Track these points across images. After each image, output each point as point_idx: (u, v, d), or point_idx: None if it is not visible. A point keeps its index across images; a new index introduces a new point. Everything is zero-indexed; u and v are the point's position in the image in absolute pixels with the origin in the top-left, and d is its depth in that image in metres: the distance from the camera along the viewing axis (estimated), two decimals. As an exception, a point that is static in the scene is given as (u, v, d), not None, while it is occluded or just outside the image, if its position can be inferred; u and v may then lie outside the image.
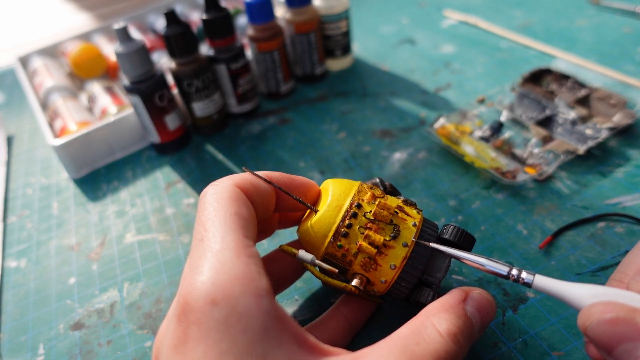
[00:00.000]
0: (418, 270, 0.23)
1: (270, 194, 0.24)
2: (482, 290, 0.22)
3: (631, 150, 0.36)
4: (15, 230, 0.40)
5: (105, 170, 0.45)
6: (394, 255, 0.23)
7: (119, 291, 0.33)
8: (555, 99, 0.40)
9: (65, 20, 0.90)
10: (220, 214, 0.20)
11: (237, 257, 0.18)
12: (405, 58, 0.54)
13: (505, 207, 0.33)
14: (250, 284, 0.18)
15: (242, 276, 0.18)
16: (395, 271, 0.23)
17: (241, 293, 0.17)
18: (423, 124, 0.43)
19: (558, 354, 0.24)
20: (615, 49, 0.48)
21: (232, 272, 0.18)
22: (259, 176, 0.24)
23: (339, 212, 0.24)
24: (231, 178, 0.23)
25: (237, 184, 0.22)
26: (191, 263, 0.19)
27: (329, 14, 0.49)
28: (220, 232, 0.20)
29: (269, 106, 0.50)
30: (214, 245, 0.19)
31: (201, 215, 0.21)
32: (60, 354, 0.29)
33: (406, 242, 0.23)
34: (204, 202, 0.21)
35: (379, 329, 0.27)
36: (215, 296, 0.17)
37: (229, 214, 0.20)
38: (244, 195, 0.22)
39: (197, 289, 0.18)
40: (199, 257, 0.19)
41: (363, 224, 0.23)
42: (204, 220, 0.20)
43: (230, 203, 0.21)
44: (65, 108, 0.48)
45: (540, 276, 0.21)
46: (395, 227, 0.23)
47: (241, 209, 0.21)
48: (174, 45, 0.41)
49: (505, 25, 0.57)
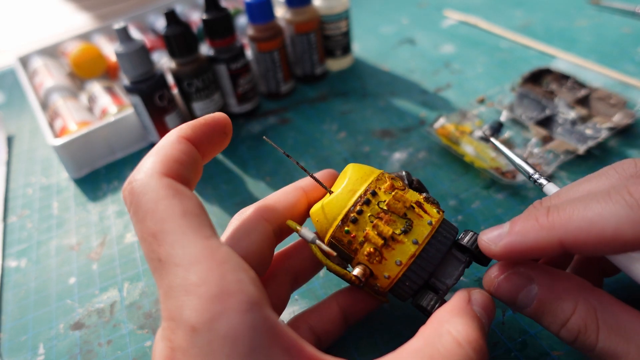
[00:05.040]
0: (425, 271, 0.22)
1: (194, 155, 0.20)
2: (480, 290, 0.22)
3: (631, 150, 0.36)
4: (15, 230, 0.40)
5: (106, 170, 0.45)
6: (401, 251, 0.22)
7: (119, 291, 0.33)
8: (555, 99, 0.40)
9: (65, 20, 0.90)
10: (167, 220, 0.17)
11: (209, 270, 0.16)
12: (405, 58, 0.54)
13: (505, 207, 0.33)
14: (229, 299, 0.16)
15: (219, 293, 0.16)
16: (400, 268, 0.22)
17: (220, 313, 0.15)
18: (423, 124, 0.43)
19: (558, 354, 0.24)
20: (615, 49, 0.48)
21: (208, 292, 0.16)
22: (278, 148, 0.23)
23: (352, 197, 0.23)
24: (151, 167, 0.19)
25: (162, 172, 0.18)
26: (163, 290, 0.17)
27: (329, 14, 0.49)
28: (178, 245, 0.17)
29: (269, 106, 0.50)
30: (178, 266, 0.16)
31: (143, 227, 0.18)
32: (61, 353, 0.29)
33: (417, 239, 0.22)
34: (137, 211, 0.18)
35: (382, 332, 0.27)
36: (194, 323, 0.15)
37: (176, 217, 0.17)
38: (176, 183, 0.18)
39: (175, 316, 0.16)
40: (169, 282, 0.17)
41: (375, 212, 0.22)
42: (151, 235, 0.17)
43: (170, 202, 0.18)
44: (66, 108, 0.48)
45: (551, 185, 0.23)
46: (408, 222, 0.22)
47: (184, 203, 0.18)
48: (174, 45, 0.41)
49: (505, 25, 0.57)
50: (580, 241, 0.18)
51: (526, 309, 0.21)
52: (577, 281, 0.20)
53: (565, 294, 0.20)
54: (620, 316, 0.18)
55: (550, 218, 0.19)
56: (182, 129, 0.20)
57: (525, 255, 0.19)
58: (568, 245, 0.18)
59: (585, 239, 0.18)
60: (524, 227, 0.19)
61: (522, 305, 0.21)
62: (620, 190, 0.18)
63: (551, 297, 0.20)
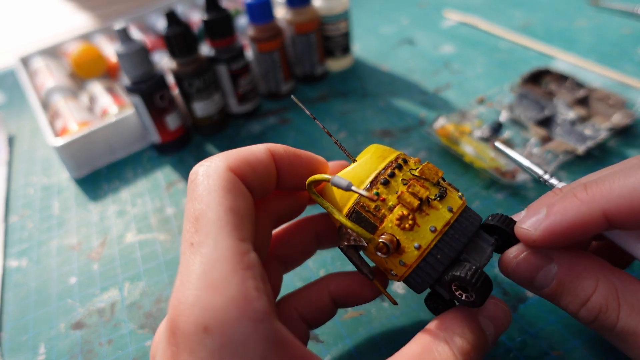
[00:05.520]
0: (460, 242, 0.20)
1: (270, 171, 0.21)
2: (497, 300, 0.21)
3: (630, 150, 0.36)
4: (16, 229, 0.40)
5: (106, 170, 0.45)
6: (436, 217, 0.19)
7: (119, 291, 0.33)
8: (555, 99, 0.41)
9: (66, 20, 0.90)
10: (213, 210, 0.18)
11: (233, 271, 0.16)
12: (405, 58, 0.54)
13: (504, 207, 0.33)
14: (247, 306, 0.16)
15: (238, 297, 0.16)
16: (434, 235, 0.19)
17: (237, 318, 0.15)
18: (423, 124, 0.43)
19: (557, 354, 0.24)
20: (614, 49, 0.49)
21: (227, 293, 0.16)
22: (305, 108, 0.22)
23: (382, 162, 0.21)
24: (224, 159, 0.19)
25: (231, 167, 0.19)
26: (182, 275, 0.17)
27: (329, 14, 0.49)
28: (213, 236, 0.17)
29: (269, 106, 0.50)
30: (206, 255, 0.17)
31: (190, 208, 0.18)
32: (61, 353, 0.29)
33: (452, 207, 0.20)
34: (194, 190, 0.19)
35: (382, 331, 0.27)
36: (208, 323, 0.15)
37: (222, 211, 0.18)
38: (239, 182, 0.19)
39: (187, 312, 0.16)
40: (190, 268, 0.17)
41: (407, 177, 0.20)
42: (194, 217, 0.18)
43: (225, 195, 0.18)
44: (66, 108, 0.48)
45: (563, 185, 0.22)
46: (442, 188, 0.20)
47: (237, 201, 0.18)
48: (175, 45, 0.41)
49: (505, 25, 0.57)
50: (625, 210, 0.17)
51: (544, 289, 0.20)
52: (597, 260, 0.19)
53: (586, 273, 0.19)
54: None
55: (590, 191, 0.18)
56: (274, 146, 0.21)
57: (568, 237, 0.18)
58: (612, 217, 0.17)
59: (630, 206, 0.17)
60: (562, 206, 0.18)
61: (541, 285, 0.20)
62: None
63: (571, 276, 0.19)
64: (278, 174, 0.21)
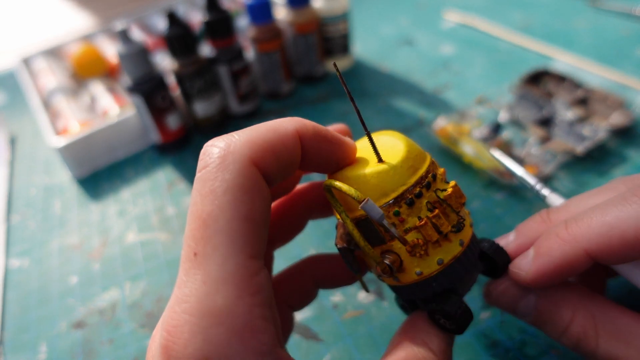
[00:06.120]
0: (459, 276, 0.19)
1: (294, 160, 0.17)
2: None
3: (629, 150, 0.36)
4: (18, 229, 0.41)
5: (107, 170, 0.45)
6: (447, 250, 0.19)
7: (120, 290, 0.33)
8: (554, 99, 0.41)
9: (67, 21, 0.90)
10: (227, 216, 0.15)
11: (239, 298, 0.14)
12: (405, 59, 0.54)
13: (504, 207, 0.34)
14: (252, 339, 0.14)
15: (242, 329, 0.14)
16: (439, 268, 0.19)
17: (239, 353, 0.14)
18: (422, 124, 0.43)
19: (557, 352, 0.25)
20: (613, 50, 0.49)
21: (231, 324, 0.14)
22: (343, 83, 0.18)
23: (413, 175, 0.18)
24: (247, 144, 0.16)
25: (255, 160, 0.16)
26: (180, 290, 0.15)
27: (329, 15, 0.49)
28: (222, 250, 0.15)
29: (270, 106, 0.50)
30: (210, 273, 0.15)
31: (199, 204, 0.15)
32: (62, 352, 0.30)
33: (463, 240, 0.19)
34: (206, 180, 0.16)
35: (382, 331, 0.27)
36: (209, 356, 0.14)
37: (236, 219, 0.15)
38: (260, 179, 0.16)
39: (186, 342, 0.14)
40: (190, 285, 0.15)
41: (432, 200, 0.18)
42: (201, 220, 0.15)
43: (242, 198, 0.15)
44: (68, 108, 0.48)
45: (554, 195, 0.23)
46: (460, 220, 0.19)
47: (255, 206, 0.16)
48: (175, 46, 0.41)
49: (505, 26, 0.57)
50: (604, 248, 0.17)
51: (526, 317, 0.21)
52: (574, 288, 0.20)
53: (563, 302, 0.20)
54: (619, 320, 0.19)
55: (570, 230, 0.19)
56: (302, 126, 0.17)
57: (558, 275, 0.19)
58: (594, 254, 0.18)
59: (608, 244, 0.17)
60: (547, 247, 0.19)
61: (523, 315, 0.21)
62: (636, 191, 0.18)
63: (550, 306, 0.20)
64: (301, 159, 0.18)
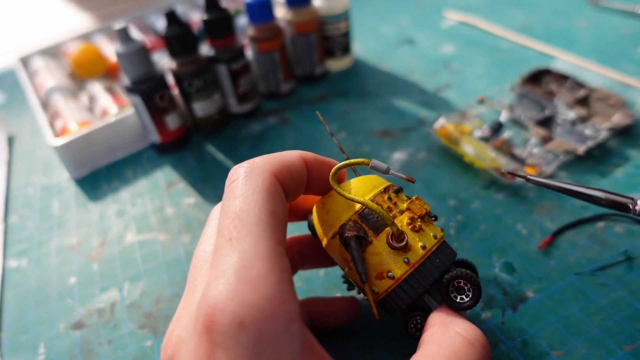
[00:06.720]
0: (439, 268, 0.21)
1: (303, 178, 0.22)
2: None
3: (630, 150, 0.36)
4: (16, 229, 0.40)
5: (106, 170, 0.45)
6: (426, 237, 0.22)
7: (119, 291, 0.33)
8: (555, 99, 0.40)
9: (66, 20, 0.90)
10: (256, 211, 0.18)
11: (270, 271, 0.17)
12: (405, 58, 0.54)
13: (504, 207, 0.33)
14: (280, 306, 0.16)
15: (273, 296, 0.16)
16: (436, 241, 0.22)
17: (271, 317, 0.16)
18: (423, 124, 0.43)
19: (557, 354, 0.24)
20: (614, 49, 0.49)
21: (264, 291, 0.16)
22: (326, 125, 0.25)
23: (382, 183, 0.23)
24: (269, 162, 0.20)
25: (274, 173, 0.20)
26: (217, 268, 0.17)
27: (329, 14, 0.49)
28: (254, 235, 0.17)
29: (269, 106, 0.50)
30: (245, 252, 0.17)
31: (231, 205, 0.19)
32: (61, 353, 0.29)
33: (436, 234, 0.22)
34: (235, 189, 0.19)
35: (381, 331, 0.27)
36: (244, 318, 0.16)
37: (264, 213, 0.18)
38: (280, 187, 0.20)
39: (224, 306, 0.16)
40: (227, 262, 0.17)
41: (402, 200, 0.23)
42: (234, 214, 0.18)
43: (267, 198, 0.19)
44: (66, 108, 0.48)
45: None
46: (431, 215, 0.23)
47: (277, 206, 0.19)
48: (175, 45, 0.41)
49: (505, 25, 0.57)
50: None
51: None
52: None
53: None
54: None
55: None
56: (305, 153, 0.22)
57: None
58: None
59: None
60: None
61: None
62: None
63: None
64: (307, 180, 0.22)
